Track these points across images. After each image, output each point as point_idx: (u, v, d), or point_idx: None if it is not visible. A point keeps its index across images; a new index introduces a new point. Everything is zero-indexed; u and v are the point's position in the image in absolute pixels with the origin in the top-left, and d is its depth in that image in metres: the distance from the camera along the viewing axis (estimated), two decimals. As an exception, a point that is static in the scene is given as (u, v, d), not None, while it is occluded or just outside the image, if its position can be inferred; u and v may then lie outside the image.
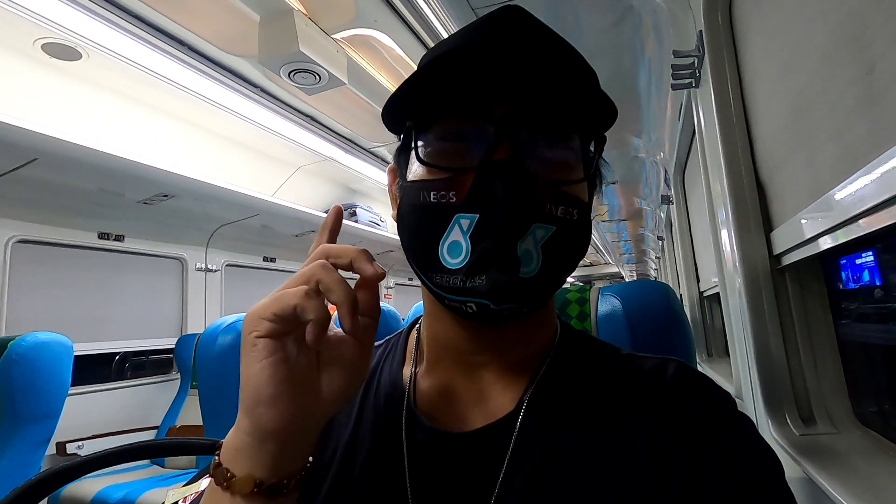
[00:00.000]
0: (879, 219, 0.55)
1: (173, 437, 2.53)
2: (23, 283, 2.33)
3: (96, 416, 2.55)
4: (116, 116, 2.21)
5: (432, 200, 0.42)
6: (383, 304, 1.12)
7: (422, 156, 0.44)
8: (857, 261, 0.83)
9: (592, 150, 0.46)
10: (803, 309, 0.88)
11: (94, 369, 2.70)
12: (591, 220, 0.47)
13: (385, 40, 1.71)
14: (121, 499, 2.06)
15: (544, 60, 0.41)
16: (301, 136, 2.59)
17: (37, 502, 0.82)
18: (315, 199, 3.47)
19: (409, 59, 1.81)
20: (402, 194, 0.47)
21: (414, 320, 0.58)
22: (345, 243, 0.40)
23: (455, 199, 0.41)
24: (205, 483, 0.83)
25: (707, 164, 1.25)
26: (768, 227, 0.92)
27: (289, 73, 1.71)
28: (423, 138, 0.44)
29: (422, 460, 0.45)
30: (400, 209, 0.47)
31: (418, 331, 0.55)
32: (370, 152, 2.99)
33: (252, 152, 2.82)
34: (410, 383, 0.50)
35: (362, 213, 3.74)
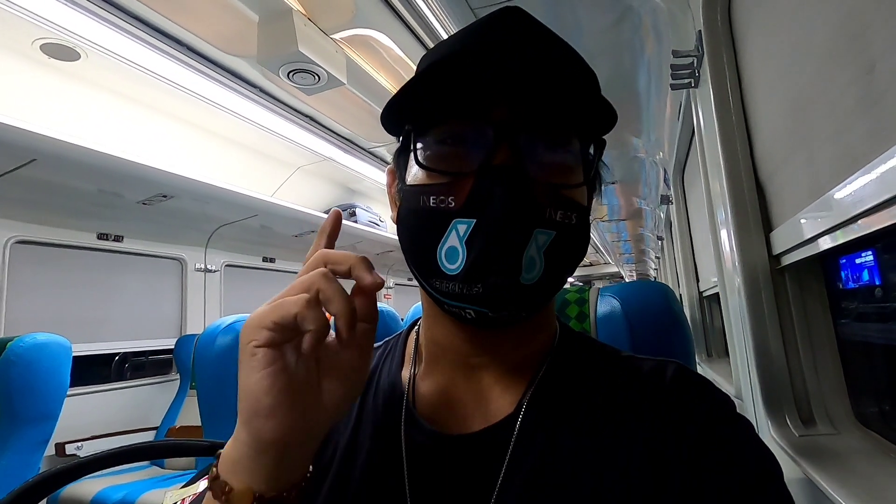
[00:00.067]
0: (879, 219, 0.55)
1: (172, 438, 2.53)
2: (22, 284, 2.33)
3: (95, 416, 2.55)
4: (115, 117, 2.21)
5: (431, 205, 0.42)
6: (382, 305, 1.12)
7: (421, 159, 0.43)
8: (857, 261, 0.83)
9: (592, 152, 0.46)
10: (803, 309, 0.88)
11: (94, 370, 2.70)
12: (591, 222, 0.47)
13: (384, 40, 1.71)
14: (120, 500, 2.06)
15: (543, 62, 0.41)
16: (300, 136, 2.59)
17: (36, 502, 0.81)
18: (314, 199, 3.46)
19: (409, 60, 1.81)
20: (401, 197, 0.46)
21: (413, 322, 0.57)
22: (344, 243, 0.39)
23: (453, 204, 0.41)
24: (203, 485, 0.82)
25: (706, 164, 1.25)
26: (768, 227, 0.92)
27: (288, 74, 1.71)
28: (422, 142, 0.44)
29: (421, 462, 0.45)
30: (399, 213, 0.47)
31: (417, 332, 0.54)
32: (369, 152, 2.99)
33: (251, 152, 2.82)
34: (409, 385, 0.50)
35: (361, 214, 3.74)
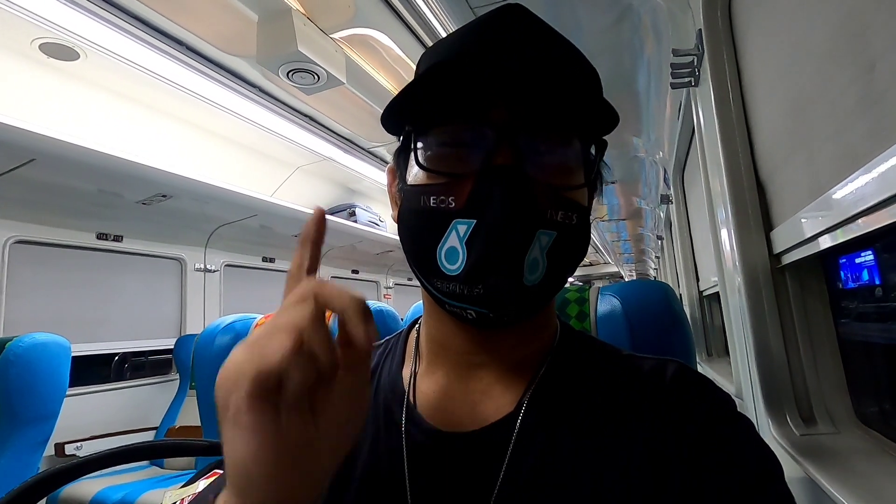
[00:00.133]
0: (879, 218, 0.55)
1: (172, 437, 2.53)
2: (21, 284, 2.33)
3: (95, 416, 2.55)
4: (114, 116, 2.21)
5: (431, 205, 0.42)
6: (382, 305, 1.12)
7: (421, 160, 0.43)
8: (858, 260, 0.83)
9: (593, 152, 0.46)
10: (803, 308, 0.88)
11: (94, 370, 2.69)
12: (591, 222, 0.47)
13: (384, 40, 1.71)
14: (119, 500, 2.05)
15: (543, 62, 0.41)
16: (300, 136, 2.59)
17: (35, 502, 0.81)
18: (314, 199, 3.46)
19: (408, 59, 1.81)
20: (402, 197, 0.46)
21: (413, 321, 0.57)
22: (344, 244, 0.39)
23: (454, 205, 0.41)
24: (202, 484, 0.83)
25: (707, 164, 1.25)
26: (768, 226, 0.92)
27: (287, 73, 1.71)
28: (423, 143, 0.44)
29: (421, 461, 0.44)
30: (400, 212, 0.47)
31: (418, 331, 0.54)
32: (369, 152, 2.99)
33: (251, 152, 2.81)
34: (410, 383, 0.50)
35: (361, 213, 3.74)
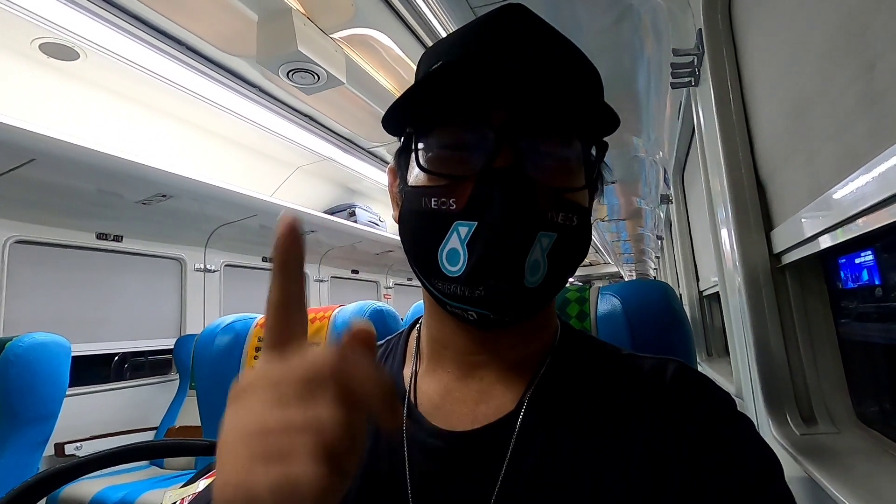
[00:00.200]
0: (880, 217, 0.55)
1: (172, 437, 2.53)
2: (21, 284, 2.32)
3: (95, 416, 2.54)
4: (114, 116, 2.21)
5: (432, 206, 0.42)
6: (382, 304, 1.12)
7: (422, 162, 0.43)
8: (858, 259, 0.83)
9: (594, 153, 0.46)
10: (804, 308, 0.88)
11: (93, 370, 2.69)
12: (591, 223, 0.47)
13: (384, 40, 1.71)
14: (119, 500, 2.05)
15: (543, 62, 0.41)
16: (300, 135, 2.58)
17: (35, 502, 0.81)
18: (314, 199, 3.46)
19: (408, 59, 1.81)
20: (403, 198, 0.47)
21: (414, 320, 0.57)
22: (344, 244, 0.39)
23: (455, 207, 0.41)
24: (202, 484, 0.83)
25: (707, 163, 1.25)
26: (768, 225, 0.92)
27: (287, 73, 1.71)
28: (424, 144, 0.44)
29: (422, 460, 0.44)
30: (401, 214, 0.47)
31: (419, 331, 0.54)
32: (369, 152, 2.99)
33: (251, 152, 2.81)
34: (411, 383, 0.50)
35: (361, 214, 3.74)
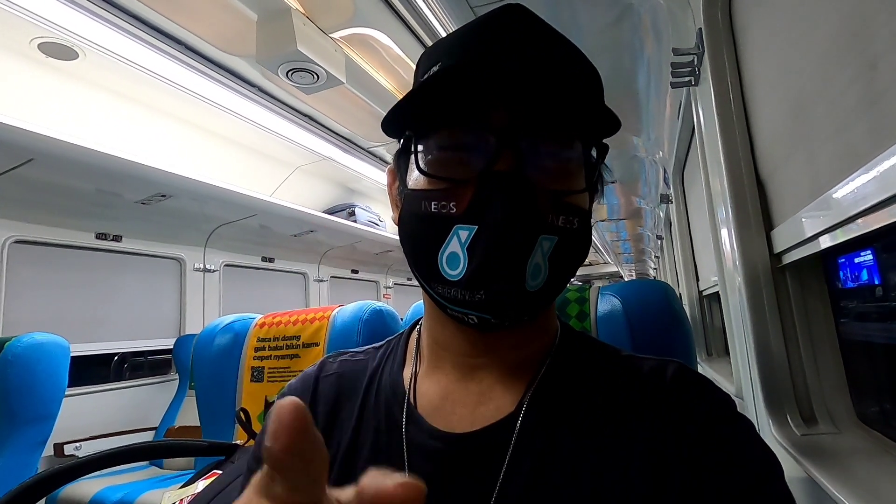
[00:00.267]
0: (881, 217, 0.54)
1: (171, 438, 2.52)
2: (20, 284, 2.32)
3: (94, 416, 2.54)
4: (113, 116, 2.20)
5: (432, 210, 0.42)
6: (382, 305, 1.11)
7: (422, 165, 0.43)
8: (859, 259, 0.83)
9: (594, 155, 0.46)
10: (804, 308, 0.87)
11: (93, 370, 2.69)
12: (592, 225, 0.47)
13: (383, 39, 1.70)
14: (119, 500, 2.05)
15: (543, 63, 0.41)
16: (299, 135, 2.58)
17: (34, 502, 0.81)
18: (313, 198, 3.46)
19: (408, 59, 1.80)
20: (403, 201, 0.46)
21: (414, 322, 0.57)
22: (344, 244, 0.39)
23: (455, 210, 0.41)
24: (201, 485, 0.83)
25: (707, 163, 1.25)
26: (769, 225, 0.91)
27: (287, 73, 1.70)
28: (424, 147, 0.44)
29: (422, 461, 0.44)
30: (401, 216, 0.46)
31: (419, 332, 0.54)
32: (369, 152, 2.98)
33: (250, 152, 2.81)
34: (411, 384, 0.50)
35: (361, 213, 3.74)
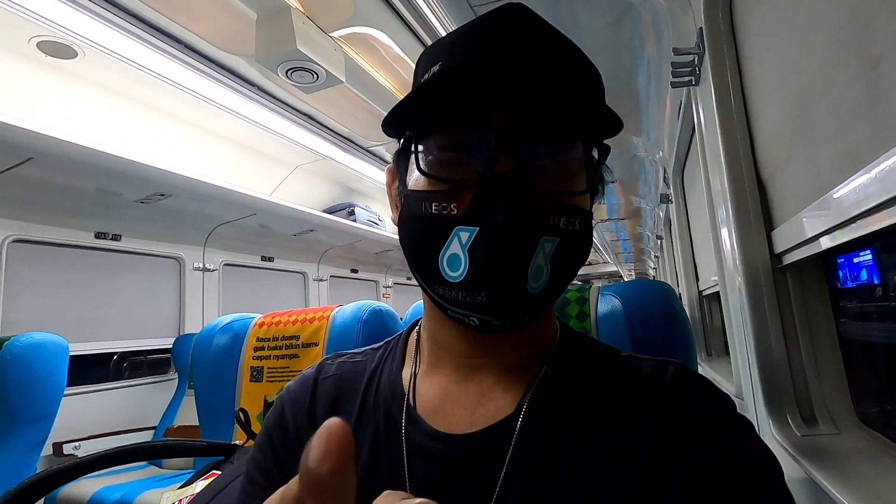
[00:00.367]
0: (882, 218, 0.54)
1: (170, 437, 2.52)
2: (19, 283, 2.32)
3: (93, 416, 2.54)
4: (113, 115, 2.20)
5: (433, 211, 0.41)
6: (382, 304, 1.11)
7: (422, 166, 0.43)
8: (860, 260, 0.83)
9: (595, 156, 0.46)
10: (804, 308, 0.87)
11: (92, 369, 2.69)
12: (593, 226, 0.47)
13: (383, 39, 1.70)
14: (118, 499, 2.05)
15: (544, 63, 0.40)
16: (299, 135, 2.58)
17: (34, 502, 0.81)
18: (313, 198, 3.46)
19: (408, 58, 1.80)
20: (403, 202, 0.46)
21: (413, 322, 0.57)
22: (343, 243, 0.38)
23: (455, 211, 0.41)
24: (200, 485, 0.82)
25: (707, 163, 1.25)
26: (769, 225, 0.91)
27: (286, 72, 1.70)
28: (424, 147, 0.43)
29: (422, 462, 0.44)
30: (401, 217, 0.46)
31: (418, 332, 0.54)
32: (368, 151, 2.98)
33: (250, 151, 2.81)
34: (410, 385, 0.49)
35: (360, 213, 3.73)
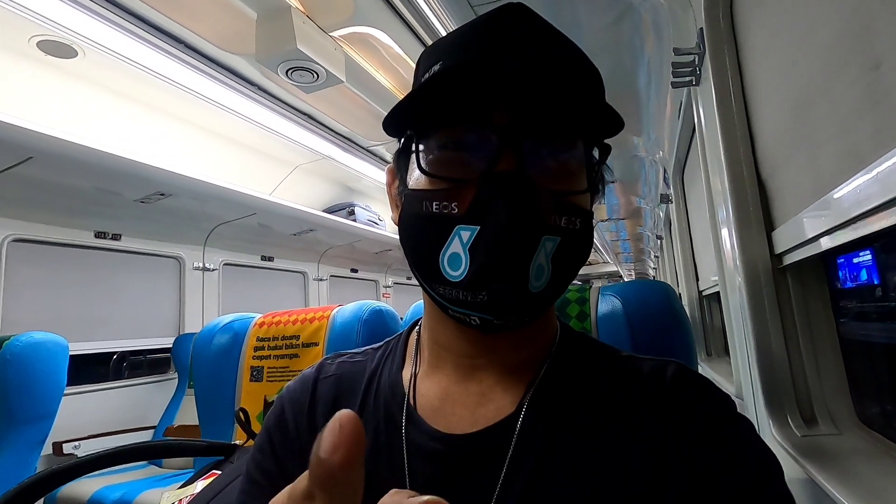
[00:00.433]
0: (883, 219, 0.54)
1: (170, 437, 2.52)
2: (19, 283, 2.32)
3: (93, 415, 2.54)
4: (113, 114, 2.20)
5: (434, 210, 0.41)
6: (381, 304, 1.11)
7: (423, 165, 0.43)
8: (860, 260, 0.83)
9: (596, 155, 0.46)
10: (805, 308, 0.87)
11: (91, 369, 2.69)
12: (594, 226, 0.46)
13: (383, 38, 1.70)
14: (117, 499, 2.05)
15: (544, 62, 0.40)
16: (299, 134, 2.58)
17: (33, 502, 0.81)
18: (313, 197, 3.46)
19: (408, 58, 1.80)
20: (403, 201, 0.46)
21: (413, 322, 0.57)
22: (343, 242, 0.38)
23: (456, 210, 0.41)
24: (200, 485, 0.82)
25: (707, 163, 1.25)
26: (769, 226, 0.91)
27: (286, 72, 1.70)
28: (425, 146, 0.43)
29: (422, 462, 0.44)
30: (402, 216, 0.46)
31: (418, 332, 0.54)
32: (368, 151, 2.98)
33: (250, 151, 2.81)
34: (410, 385, 0.49)
35: (360, 213, 3.73)
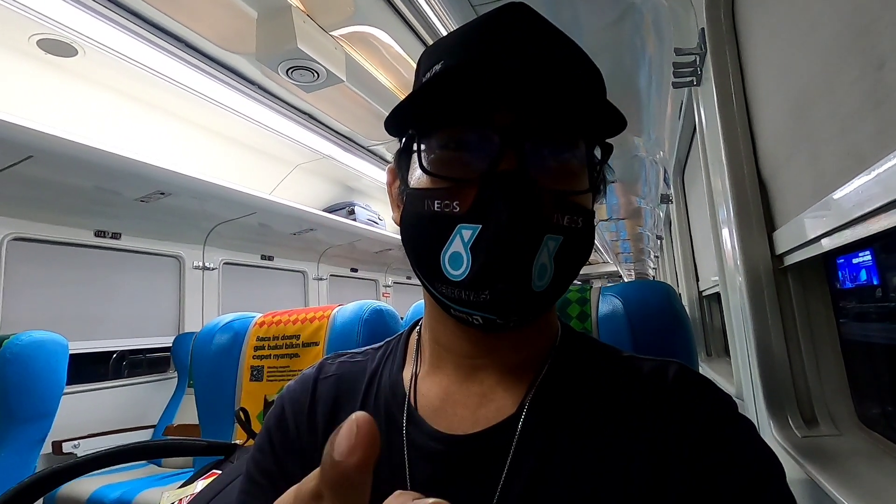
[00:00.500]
0: (885, 220, 0.54)
1: (170, 436, 2.52)
2: (19, 282, 2.32)
3: (93, 414, 2.54)
4: (113, 113, 2.20)
5: (435, 209, 0.41)
6: (382, 304, 1.11)
7: (425, 164, 0.43)
8: (861, 261, 0.83)
9: (597, 155, 0.46)
10: (805, 309, 0.87)
11: (91, 367, 2.69)
12: (595, 225, 0.46)
13: (384, 38, 1.70)
14: (117, 498, 2.05)
15: (545, 62, 0.40)
16: (299, 133, 2.58)
17: (33, 501, 0.81)
18: (313, 197, 3.46)
19: (408, 57, 1.80)
20: (405, 200, 0.46)
21: (414, 322, 0.57)
22: (342, 242, 0.38)
23: (458, 209, 0.41)
24: (200, 485, 0.82)
25: (708, 163, 1.25)
26: (770, 226, 0.91)
27: (287, 71, 1.70)
28: (426, 146, 0.43)
29: (423, 462, 0.44)
30: (403, 216, 0.46)
31: (419, 332, 0.54)
32: (368, 150, 2.98)
33: (250, 150, 2.81)
34: (411, 385, 0.49)
35: (360, 212, 3.73)
